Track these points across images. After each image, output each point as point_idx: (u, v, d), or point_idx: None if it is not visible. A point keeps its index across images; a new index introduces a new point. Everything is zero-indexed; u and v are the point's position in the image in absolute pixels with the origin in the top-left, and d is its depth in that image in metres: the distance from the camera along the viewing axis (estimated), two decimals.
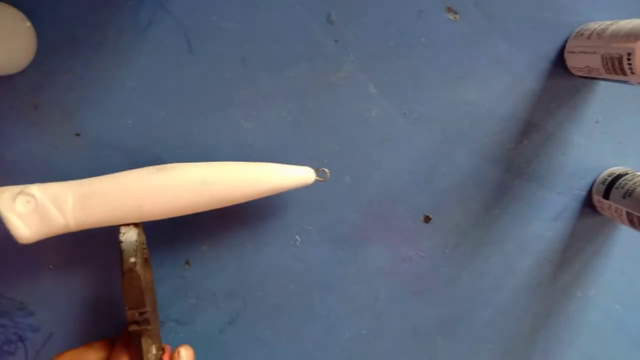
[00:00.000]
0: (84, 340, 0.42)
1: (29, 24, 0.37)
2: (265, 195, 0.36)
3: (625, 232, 0.43)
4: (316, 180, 0.38)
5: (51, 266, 0.41)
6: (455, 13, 0.40)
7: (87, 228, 0.35)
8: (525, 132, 0.41)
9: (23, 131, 0.39)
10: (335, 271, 0.42)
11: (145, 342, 0.35)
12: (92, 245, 0.41)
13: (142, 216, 0.36)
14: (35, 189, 0.35)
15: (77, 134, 0.40)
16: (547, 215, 0.42)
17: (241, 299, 0.42)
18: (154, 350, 0.36)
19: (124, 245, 0.35)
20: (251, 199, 0.36)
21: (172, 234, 0.41)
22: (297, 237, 0.42)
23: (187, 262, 0.41)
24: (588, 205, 0.42)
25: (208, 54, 0.39)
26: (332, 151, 0.41)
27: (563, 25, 0.40)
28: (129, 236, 0.36)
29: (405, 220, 0.42)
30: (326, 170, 0.39)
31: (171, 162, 0.40)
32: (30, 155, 0.40)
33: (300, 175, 0.37)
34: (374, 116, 0.41)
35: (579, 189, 0.42)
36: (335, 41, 0.40)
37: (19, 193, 0.34)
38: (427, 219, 0.42)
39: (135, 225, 0.36)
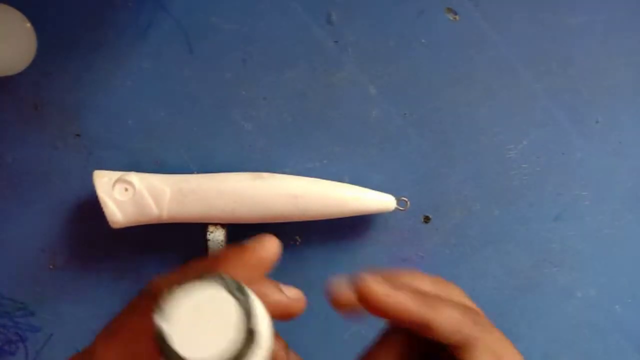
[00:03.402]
0: (84, 340, 0.42)
1: (28, 24, 0.37)
2: (347, 215, 0.38)
3: (624, 232, 0.43)
4: (396, 209, 0.39)
5: (51, 266, 0.41)
6: (455, 13, 0.40)
7: (177, 221, 0.37)
8: (525, 132, 0.41)
9: (23, 131, 0.39)
10: (335, 271, 0.42)
11: None
12: (93, 245, 0.41)
13: (233, 218, 0.37)
14: (135, 178, 0.36)
15: (77, 134, 0.40)
16: (547, 215, 0.42)
17: None
18: None
19: (210, 244, 0.37)
20: (333, 217, 0.38)
21: (173, 234, 0.41)
22: (297, 237, 0.42)
23: None
24: (587, 204, 0.42)
25: (208, 54, 0.39)
26: (332, 151, 0.41)
27: (563, 25, 0.40)
28: (216, 235, 0.37)
29: (405, 220, 0.42)
30: (406, 200, 0.40)
31: (171, 162, 0.40)
32: (30, 155, 0.40)
33: (383, 201, 0.39)
34: (374, 116, 0.41)
35: (579, 189, 0.42)
36: (335, 41, 0.40)
37: (118, 180, 0.36)
38: (427, 219, 0.42)
39: (222, 226, 0.38)
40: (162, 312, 0.17)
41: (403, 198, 0.40)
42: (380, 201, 0.39)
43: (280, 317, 0.25)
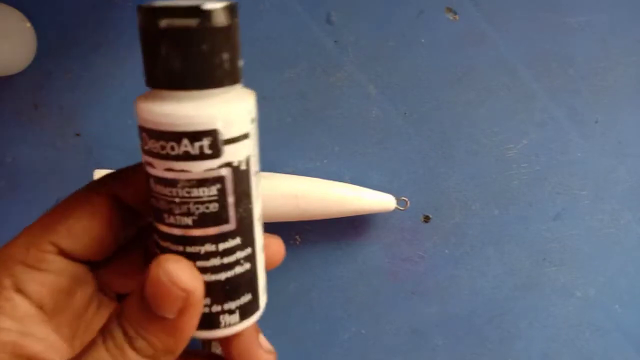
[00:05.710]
0: None
1: (28, 24, 0.37)
2: (347, 215, 0.38)
3: (624, 232, 0.43)
4: (396, 209, 0.39)
5: None
6: (455, 13, 0.40)
7: None
8: (525, 132, 0.41)
9: (23, 131, 0.39)
10: (335, 271, 0.42)
11: None
12: None
13: None
14: None
15: (77, 134, 0.40)
16: (546, 214, 0.42)
17: None
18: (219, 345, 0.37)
19: None
20: (333, 217, 0.38)
21: None
22: (297, 237, 0.42)
23: None
24: (587, 204, 0.42)
25: None
26: (332, 151, 0.41)
27: (563, 25, 0.40)
28: None
29: (405, 220, 0.42)
30: (406, 199, 0.40)
31: None
32: (30, 155, 0.40)
33: (383, 201, 0.39)
34: (374, 116, 0.41)
35: (579, 189, 0.42)
36: (335, 41, 0.40)
37: None
38: (427, 219, 0.42)
39: None
40: None
41: (403, 198, 0.40)
42: (380, 201, 0.39)
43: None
